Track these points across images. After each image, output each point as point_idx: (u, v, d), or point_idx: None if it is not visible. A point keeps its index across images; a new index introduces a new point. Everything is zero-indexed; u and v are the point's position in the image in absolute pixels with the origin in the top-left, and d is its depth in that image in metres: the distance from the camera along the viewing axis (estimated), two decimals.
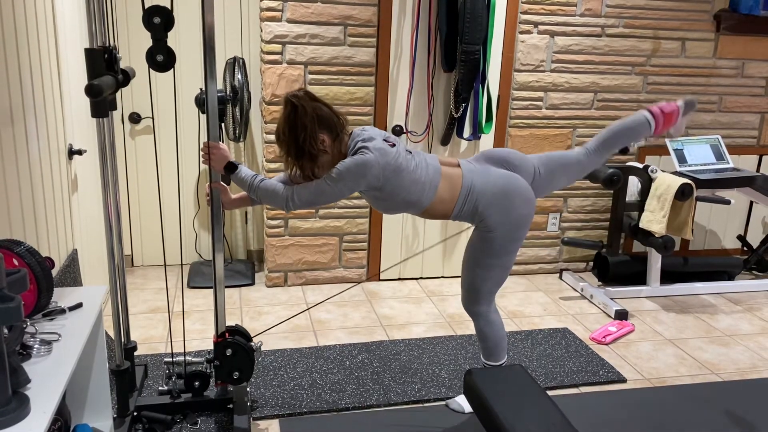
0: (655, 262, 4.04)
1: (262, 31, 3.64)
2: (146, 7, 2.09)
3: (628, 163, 3.98)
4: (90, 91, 1.92)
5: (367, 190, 2.36)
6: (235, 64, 3.74)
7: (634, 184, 3.89)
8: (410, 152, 2.42)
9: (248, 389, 2.66)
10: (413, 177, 2.35)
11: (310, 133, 2.25)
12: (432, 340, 3.39)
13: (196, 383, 2.59)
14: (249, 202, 2.50)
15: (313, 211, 3.94)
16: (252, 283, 4.04)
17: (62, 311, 1.94)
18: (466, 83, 3.75)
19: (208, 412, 2.66)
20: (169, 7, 2.10)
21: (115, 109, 2.25)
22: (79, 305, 1.98)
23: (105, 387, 2.17)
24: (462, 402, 2.79)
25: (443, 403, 2.85)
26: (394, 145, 2.35)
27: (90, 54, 2.06)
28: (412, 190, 2.36)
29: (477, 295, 2.57)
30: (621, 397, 2.93)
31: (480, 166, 2.50)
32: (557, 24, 3.95)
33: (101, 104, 2.02)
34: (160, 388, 2.64)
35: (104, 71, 2.09)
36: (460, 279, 2.74)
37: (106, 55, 2.09)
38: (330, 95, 3.75)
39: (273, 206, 2.36)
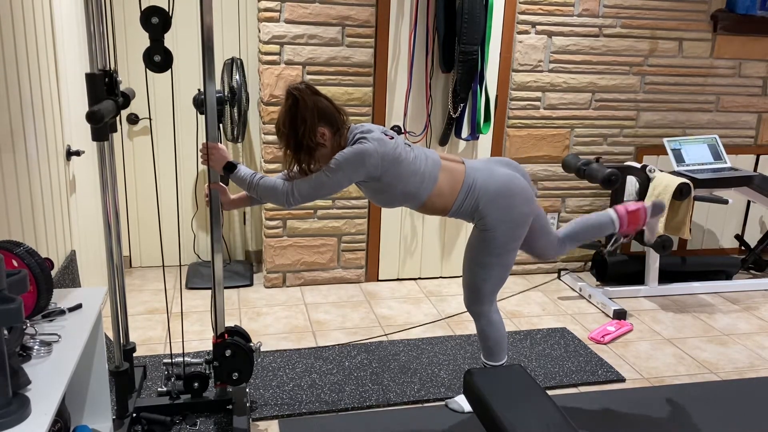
0: (653, 261, 4.05)
1: (260, 31, 3.64)
2: (144, 7, 2.09)
3: (626, 163, 3.99)
4: (92, 118, 1.95)
5: (365, 181, 2.36)
6: (233, 64, 3.74)
7: (632, 183, 3.89)
8: (409, 145, 2.44)
9: (247, 390, 2.66)
10: (412, 168, 2.36)
11: (310, 127, 2.26)
12: (431, 340, 3.39)
13: (195, 384, 2.59)
14: (248, 202, 2.50)
15: (312, 211, 3.94)
16: (250, 284, 4.03)
17: (62, 312, 1.94)
18: (464, 83, 3.76)
19: (208, 413, 2.66)
20: (167, 8, 2.10)
21: (116, 131, 2.27)
22: (79, 306, 1.98)
23: (104, 388, 2.17)
24: (461, 402, 2.79)
25: (442, 403, 2.85)
26: (392, 138, 2.36)
27: (91, 79, 2.09)
28: (410, 181, 2.36)
29: (479, 295, 2.57)
30: (620, 396, 2.94)
31: (484, 165, 2.51)
32: (555, 24, 3.96)
33: (102, 129, 2.05)
34: (159, 389, 2.64)
35: (105, 96, 2.11)
36: (461, 279, 2.74)
37: (106, 79, 2.11)
38: (329, 96, 3.74)
39: (274, 203, 2.36)
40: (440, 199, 2.43)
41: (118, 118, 2.50)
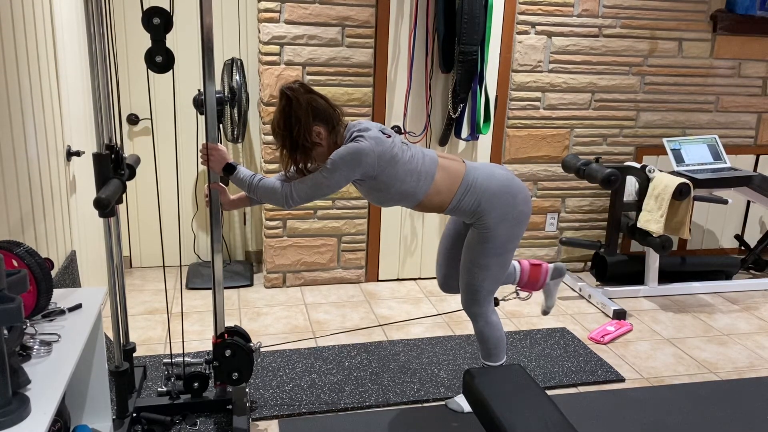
0: (653, 261, 4.05)
1: (260, 32, 3.64)
2: (145, 8, 2.09)
3: (625, 163, 3.99)
4: (99, 205, 2.02)
5: (362, 180, 2.37)
6: (233, 65, 3.74)
7: (631, 183, 3.89)
8: (406, 144, 2.43)
9: (247, 390, 2.66)
10: (408, 167, 2.36)
11: (305, 126, 2.26)
12: (430, 340, 3.39)
13: (195, 384, 2.59)
14: (248, 202, 2.51)
15: (312, 211, 3.95)
16: (251, 284, 4.04)
17: (62, 312, 1.94)
18: (463, 84, 3.76)
19: (207, 413, 2.66)
20: (168, 8, 2.11)
21: (122, 203, 2.33)
22: (79, 306, 1.99)
23: (104, 388, 2.18)
24: (461, 402, 2.79)
25: (442, 403, 2.85)
26: (389, 137, 2.36)
27: (97, 159, 2.15)
28: (407, 180, 2.36)
29: (477, 295, 2.57)
30: (619, 396, 2.94)
31: (484, 165, 2.52)
32: (555, 24, 3.96)
33: (109, 211, 2.11)
34: (159, 389, 2.65)
35: (111, 174, 2.18)
36: (459, 281, 2.74)
37: (112, 156, 2.18)
38: (328, 96, 3.74)
39: (273, 205, 2.36)
40: (437, 197, 2.44)
41: (116, 115, 2.51)
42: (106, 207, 2.02)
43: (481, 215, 2.45)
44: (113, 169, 2.20)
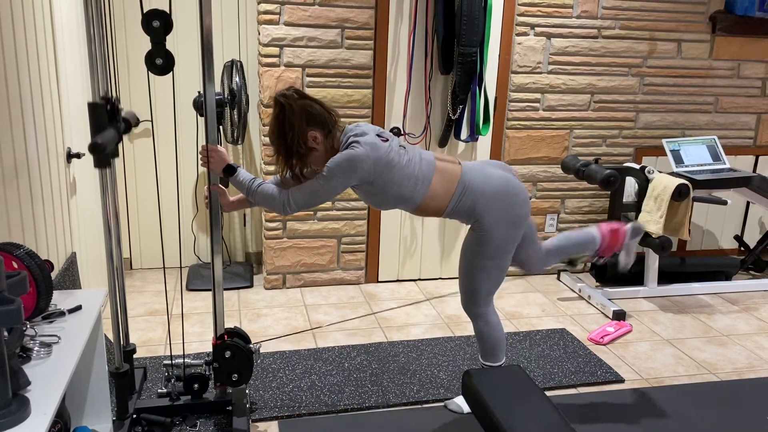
0: (653, 262, 4.05)
1: (259, 34, 3.65)
2: (145, 10, 2.10)
3: (625, 164, 4.00)
4: (94, 149, 1.97)
5: (359, 185, 2.37)
6: (233, 67, 3.75)
7: (631, 184, 3.90)
8: (404, 147, 2.43)
9: (247, 391, 2.67)
10: (405, 172, 2.37)
11: (299, 132, 2.26)
12: (430, 341, 3.39)
13: (195, 385, 2.60)
14: (247, 204, 2.51)
15: (312, 213, 3.95)
16: (250, 286, 4.04)
17: (62, 314, 1.95)
18: (463, 85, 3.76)
19: (207, 414, 2.66)
20: (168, 11, 2.11)
21: (117, 156, 2.30)
22: (79, 308, 1.99)
23: (104, 389, 2.18)
24: (460, 403, 2.79)
25: (442, 404, 2.85)
26: (386, 140, 2.36)
27: (93, 108, 2.11)
28: (404, 184, 2.37)
29: (476, 296, 2.58)
30: (619, 397, 2.94)
31: (479, 166, 2.51)
32: (554, 26, 3.97)
33: (104, 157, 2.07)
34: (159, 390, 2.65)
35: (107, 124, 2.14)
36: (458, 281, 2.75)
37: (108, 107, 2.14)
38: (328, 98, 3.76)
39: (271, 210, 2.37)
40: (434, 201, 2.44)
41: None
42: (102, 151, 1.97)
43: (478, 217, 2.46)
44: (108, 119, 2.15)
